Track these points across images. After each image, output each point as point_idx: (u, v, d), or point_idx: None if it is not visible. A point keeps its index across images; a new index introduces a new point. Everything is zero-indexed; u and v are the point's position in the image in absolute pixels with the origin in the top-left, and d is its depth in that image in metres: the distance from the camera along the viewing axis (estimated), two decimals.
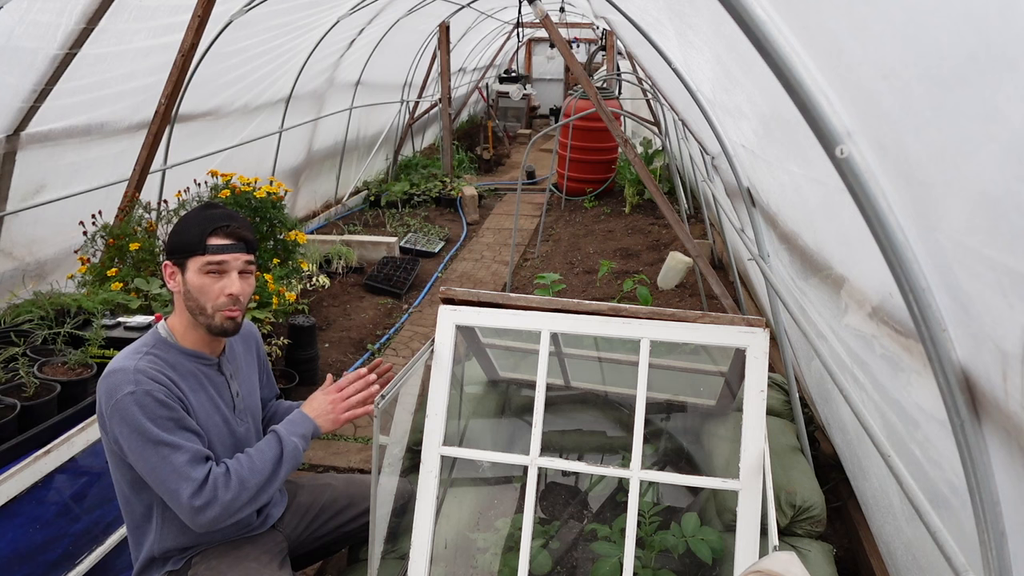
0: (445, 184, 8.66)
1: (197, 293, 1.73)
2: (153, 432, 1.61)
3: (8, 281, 3.88)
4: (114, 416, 1.63)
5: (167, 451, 1.61)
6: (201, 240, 1.71)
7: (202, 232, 1.72)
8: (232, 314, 1.76)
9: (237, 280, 1.74)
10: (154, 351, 1.75)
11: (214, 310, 1.74)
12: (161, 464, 1.61)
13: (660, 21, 2.99)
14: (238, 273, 1.75)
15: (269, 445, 1.77)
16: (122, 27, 3.76)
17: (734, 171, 2.76)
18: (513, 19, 10.45)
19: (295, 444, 1.78)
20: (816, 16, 1.06)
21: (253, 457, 1.73)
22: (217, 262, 1.72)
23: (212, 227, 1.72)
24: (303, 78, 6.52)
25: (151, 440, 1.61)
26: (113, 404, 1.63)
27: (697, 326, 1.77)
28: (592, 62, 11.30)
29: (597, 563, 1.90)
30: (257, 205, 4.24)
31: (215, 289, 1.73)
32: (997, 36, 0.69)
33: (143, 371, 1.66)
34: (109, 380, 1.66)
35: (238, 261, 1.75)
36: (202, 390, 1.80)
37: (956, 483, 1.20)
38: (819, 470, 2.61)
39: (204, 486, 1.62)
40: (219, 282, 1.73)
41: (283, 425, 1.82)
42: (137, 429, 1.61)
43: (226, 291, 1.73)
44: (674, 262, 5.71)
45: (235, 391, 1.90)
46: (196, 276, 1.73)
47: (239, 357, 1.98)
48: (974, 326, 0.94)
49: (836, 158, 1.00)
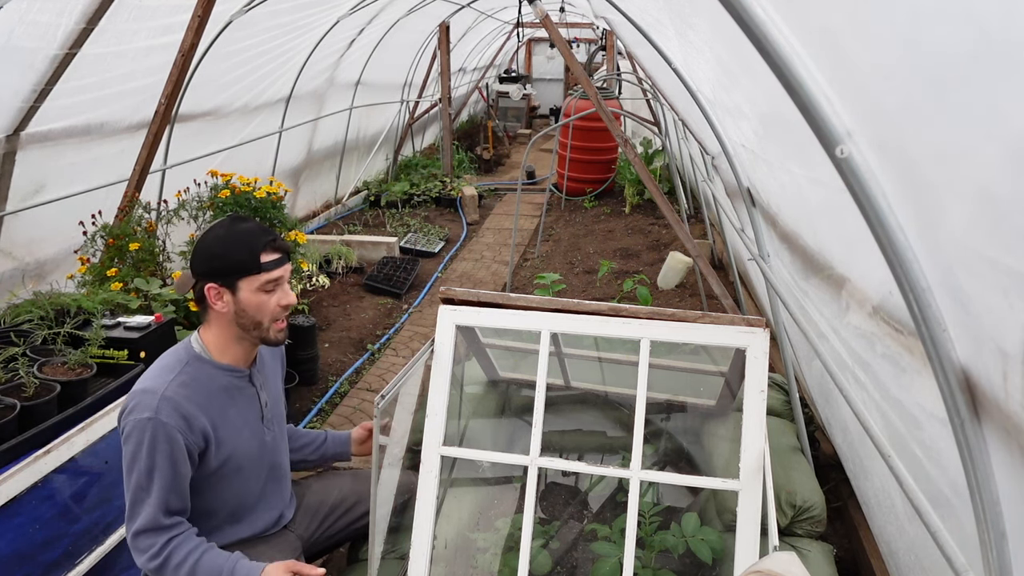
0: (445, 184, 8.66)
1: (254, 311, 1.75)
2: (143, 461, 1.66)
3: (8, 281, 3.88)
4: (127, 426, 1.68)
5: (142, 483, 1.67)
6: (254, 259, 1.72)
7: (252, 251, 1.72)
8: (284, 324, 1.82)
9: (288, 290, 1.79)
10: (188, 369, 1.76)
11: (270, 323, 1.77)
12: (133, 489, 1.68)
13: (660, 21, 2.99)
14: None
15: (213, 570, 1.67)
16: (122, 27, 3.76)
17: (734, 171, 2.76)
18: (513, 19, 10.46)
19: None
20: (816, 16, 1.06)
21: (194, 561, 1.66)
22: (275, 279, 1.75)
23: (262, 245, 1.73)
24: (303, 78, 6.52)
25: (138, 467, 1.66)
26: (131, 420, 1.67)
27: (697, 326, 1.77)
28: (592, 62, 11.30)
29: (597, 563, 1.90)
30: (257, 205, 4.24)
31: (271, 303, 1.76)
32: (998, 36, 0.69)
33: (170, 399, 1.68)
34: (137, 397, 1.69)
35: (287, 272, 1.80)
36: (233, 405, 1.82)
37: (957, 483, 1.20)
38: (819, 470, 2.61)
39: (146, 533, 1.67)
40: (273, 296, 1.76)
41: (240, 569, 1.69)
42: (135, 448, 1.66)
43: (282, 303, 1.77)
44: (674, 262, 5.71)
45: (264, 401, 1.92)
46: (252, 295, 1.74)
47: (267, 366, 2.00)
48: (974, 326, 0.94)
49: (836, 158, 1.00)
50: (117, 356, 2.60)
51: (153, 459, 1.65)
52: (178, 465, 1.69)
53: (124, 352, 2.62)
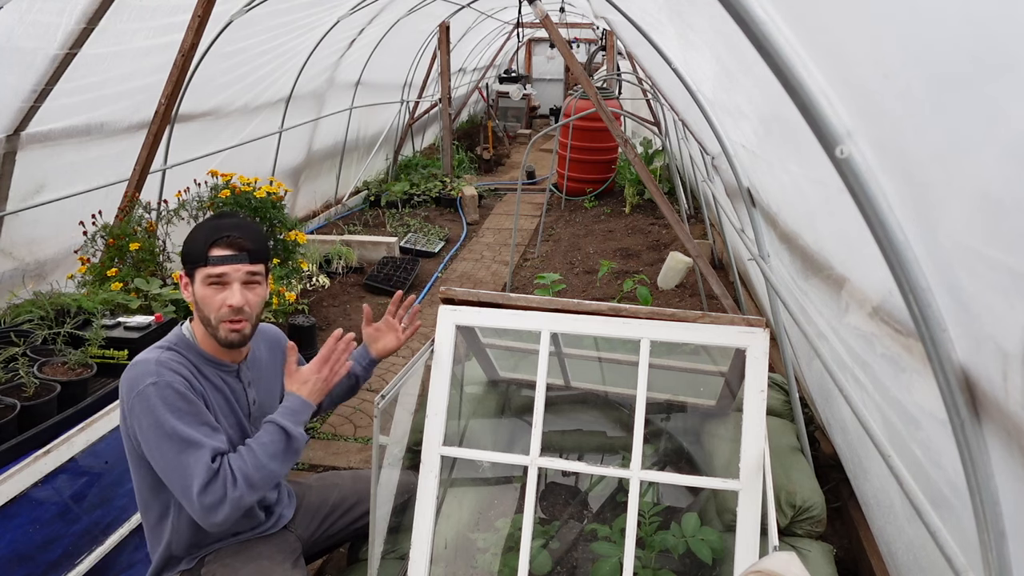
0: (445, 184, 8.66)
1: (202, 304, 1.74)
2: (171, 424, 1.61)
3: (8, 281, 3.88)
4: (135, 407, 1.64)
5: (182, 446, 1.61)
6: (204, 251, 1.71)
7: (205, 243, 1.71)
8: (236, 326, 1.74)
9: (239, 291, 1.72)
10: (176, 348, 1.77)
11: (217, 321, 1.73)
12: (175, 459, 1.61)
13: (660, 21, 2.99)
14: (242, 284, 1.74)
15: (272, 438, 1.72)
16: (122, 27, 3.76)
17: (734, 171, 2.76)
18: (513, 19, 10.46)
19: (300, 435, 1.75)
20: (816, 16, 1.06)
21: (257, 452, 1.69)
22: (217, 274, 1.71)
23: (214, 238, 1.72)
24: (303, 78, 6.52)
25: (168, 433, 1.61)
26: (135, 395, 1.64)
27: (697, 326, 1.77)
28: (592, 62, 11.29)
29: (597, 563, 1.90)
30: (257, 205, 4.24)
31: (217, 300, 1.72)
32: (998, 36, 0.69)
33: (164, 363, 1.68)
34: (131, 372, 1.68)
35: (239, 272, 1.73)
36: (219, 392, 1.81)
37: (957, 483, 1.20)
38: (819, 470, 2.61)
39: (214, 484, 1.61)
40: (221, 293, 1.72)
41: (284, 414, 1.76)
42: (156, 420, 1.62)
43: (227, 302, 1.72)
44: (674, 262, 5.71)
45: (252, 399, 1.90)
46: (200, 287, 1.73)
47: (262, 364, 1.97)
48: (974, 326, 0.94)
49: (836, 158, 1.00)
50: (117, 356, 2.60)
51: (175, 416, 1.62)
52: (201, 414, 1.67)
53: (124, 352, 2.62)
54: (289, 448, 1.73)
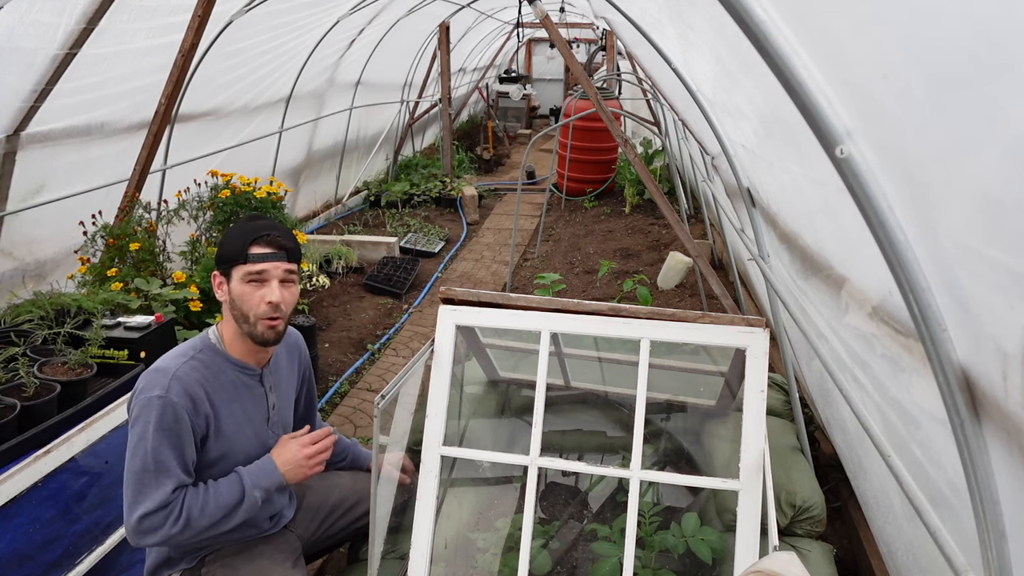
0: (445, 184, 8.66)
1: (240, 301, 1.77)
2: (155, 442, 1.66)
3: (8, 281, 3.88)
4: (136, 407, 1.70)
5: (153, 466, 1.66)
6: (243, 249, 1.76)
7: (244, 242, 1.76)
8: (273, 323, 1.79)
9: (277, 288, 1.78)
10: (201, 355, 1.80)
11: (256, 318, 1.77)
12: (140, 474, 1.67)
13: (660, 21, 2.99)
14: (279, 282, 1.79)
15: (230, 491, 1.76)
16: (122, 27, 3.76)
17: (734, 171, 2.76)
18: (513, 19, 10.47)
19: (255, 498, 1.78)
20: (816, 16, 1.06)
21: (209, 498, 1.72)
22: (257, 271, 1.76)
23: (253, 236, 1.76)
24: (303, 78, 6.52)
25: (147, 448, 1.66)
26: (142, 399, 1.69)
27: (697, 326, 1.77)
28: (592, 62, 11.30)
29: (597, 563, 1.90)
30: (257, 205, 4.24)
31: (256, 297, 1.76)
32: (997, 36, 0.69)
33: (181, 379, 1.71)
34: (148, 377, 1.73)
35: (278, 270, 1.78)
36: (238, 401, 1.83)
37: (956, 483, 1.20)
38: (819, 470, 2.61)
39: (158, 514, 1.66)
40: (260, 290, 1.77)
41: (251, 473, 1.80)
42: (144, 431, 1.67)
43: (266, 299, 1.76)
44: (674, 262, 5.71)
45: (272, 403, 1.93)
46: (239, 285, 1.77)
47: (282, 369, 2.00)
48: (974, 326, 0.94)
49: (836, 158, 1.00)
50: (117, 356, 2.60)
51: (162, 437, 1.67)
52: (184, 447, 1.70)
53: (124, 352, 2.63)
54: (239, 506, 1.75)
